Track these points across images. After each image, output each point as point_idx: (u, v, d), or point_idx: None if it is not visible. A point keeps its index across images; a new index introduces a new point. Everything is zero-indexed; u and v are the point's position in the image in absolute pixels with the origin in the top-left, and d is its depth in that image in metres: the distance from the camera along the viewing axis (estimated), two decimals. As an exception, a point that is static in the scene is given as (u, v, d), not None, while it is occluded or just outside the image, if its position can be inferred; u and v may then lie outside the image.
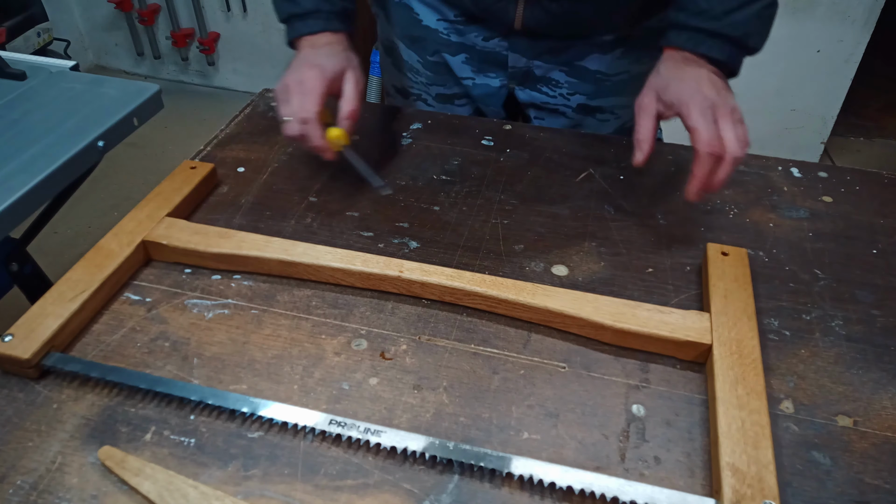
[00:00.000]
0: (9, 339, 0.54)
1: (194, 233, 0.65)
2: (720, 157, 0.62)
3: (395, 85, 0.99)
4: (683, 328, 0.56)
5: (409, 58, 0.93)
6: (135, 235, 0.65)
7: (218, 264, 0.64)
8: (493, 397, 0.54)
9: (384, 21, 0.94)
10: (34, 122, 0.90)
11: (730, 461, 0.47)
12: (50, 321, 0.56)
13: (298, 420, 0.51)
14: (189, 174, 0.73)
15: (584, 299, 0.59)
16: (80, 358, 0.56)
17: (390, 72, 0.98)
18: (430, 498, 0.47)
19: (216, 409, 0.52)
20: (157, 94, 1.00)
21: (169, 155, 2.34)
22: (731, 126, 0.62)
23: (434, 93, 0.95)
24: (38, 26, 2.30)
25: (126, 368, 0.55)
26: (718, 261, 0.63)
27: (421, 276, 0.61)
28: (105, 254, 0.63)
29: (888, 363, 0.57)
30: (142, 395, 0.53)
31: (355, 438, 0.50)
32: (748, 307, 0.58)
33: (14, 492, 0.46)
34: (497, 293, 0.59)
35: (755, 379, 0.52)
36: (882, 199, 0.76)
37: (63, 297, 0.58)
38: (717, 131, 0.62)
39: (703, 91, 0.64)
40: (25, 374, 0.54)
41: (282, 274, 0.64)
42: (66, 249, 1.95)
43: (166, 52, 2.79)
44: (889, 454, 0.50)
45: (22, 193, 0.78)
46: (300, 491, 0.47)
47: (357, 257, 0.63)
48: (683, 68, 0.67)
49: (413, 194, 0.75)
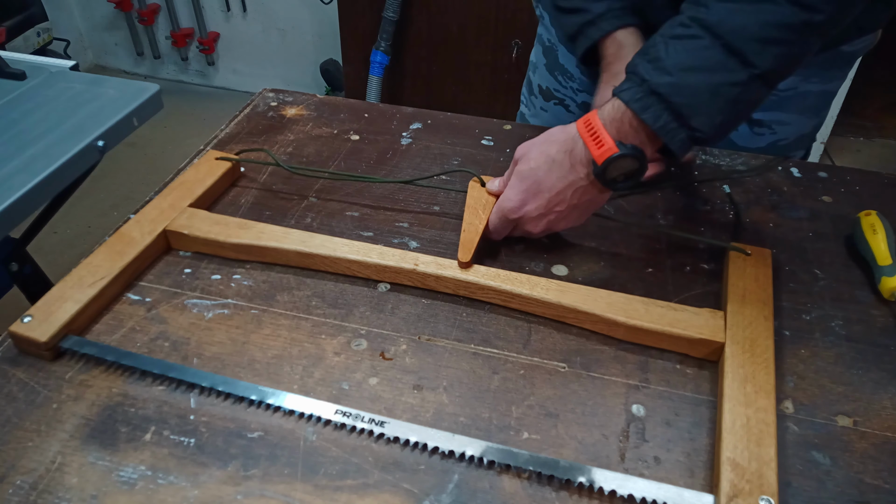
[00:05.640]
0: (28, 320, 0.55)
1: (214, 223, 0.66)
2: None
3: (542, 84, 0.96)
4: (697, 326, 0.57)
5: (568, 62, 0.91)
6: (157, 224, 0.66)
7: (237, 254, 0.65)
8: (493, 397, 0.54)
9: (547, 23, 0.93)
10: (34, 122, 0.90)
11: (730, 456, 0.47)
12: (69, 305, 0.57)
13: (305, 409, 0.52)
14: (213, 165, 0.74)
15: (597, 295, 0.59)
16: (96, 341, 0.57)
17: (541, 71, 0.96)
18: (430, 498, 0.47)
19: (222, 398, 0.53)
20: (157, 94, 1.00)
21: (169, 155, 2.34)
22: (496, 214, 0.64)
23: (580, 100, 0.92)
24: (38, 26, 2.30)
25: (140, 354, 0.56)
26: (739, 260, 0.63)
27: (436, 270, 0.61)
28: (126, 241, 0.63)
29: (888, 363, 0.57)
30: (151, 380, 0.54)
31: (360, 429, 0.50)
32: (766, 308, 0.58)
33: (14, 492, 0.46)
34: (511, 288, 0.60)
35: (765, 378, 0.52)
36: (882, 199, 0.76)
37: (83, 282, 0.59)
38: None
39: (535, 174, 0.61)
40: (41, 355, 0.55)
41: (299, 265, 0.65)
42: (66, 249, 1.94)
43: (166, 52, 2.79)
44: (889, 454, 0.50)
45: (22, 193, 0.78)
46: (300, 491, 0.47)
47: (373, 250, 0.63)
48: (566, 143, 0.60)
49: (413, 194, 0.75)
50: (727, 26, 0.53)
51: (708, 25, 0.54)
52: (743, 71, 0.53)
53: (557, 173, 0.60)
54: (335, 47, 2.36)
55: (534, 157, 0.62)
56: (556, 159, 0.60)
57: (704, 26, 0.54)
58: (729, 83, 0.54)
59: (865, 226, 0.67)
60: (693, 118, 0.55)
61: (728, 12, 0.53)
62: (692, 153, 0.81)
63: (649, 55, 0.56)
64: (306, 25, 2.53)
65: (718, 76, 0.54)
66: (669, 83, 0.54)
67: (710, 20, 0.54)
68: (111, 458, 0.49)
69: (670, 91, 0.54)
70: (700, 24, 0.54)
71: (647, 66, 0.56)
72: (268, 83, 2.52)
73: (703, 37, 0.54)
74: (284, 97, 0.93)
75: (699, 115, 0.54)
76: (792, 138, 0.85)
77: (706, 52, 0.54)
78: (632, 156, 0.56)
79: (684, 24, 0.56)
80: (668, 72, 0.54)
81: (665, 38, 0.56)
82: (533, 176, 0.62)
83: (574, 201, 0.61)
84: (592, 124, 0.58)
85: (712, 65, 0.54)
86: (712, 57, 0.54)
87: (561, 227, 0.64)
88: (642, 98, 0.55)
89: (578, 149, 0.59)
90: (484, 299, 0.62)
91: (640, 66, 0.56)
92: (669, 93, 0.54)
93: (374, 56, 1.98)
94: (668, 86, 0.54)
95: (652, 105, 0.55)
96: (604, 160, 0.57)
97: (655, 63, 0.55)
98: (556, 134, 0.62)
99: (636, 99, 0.56)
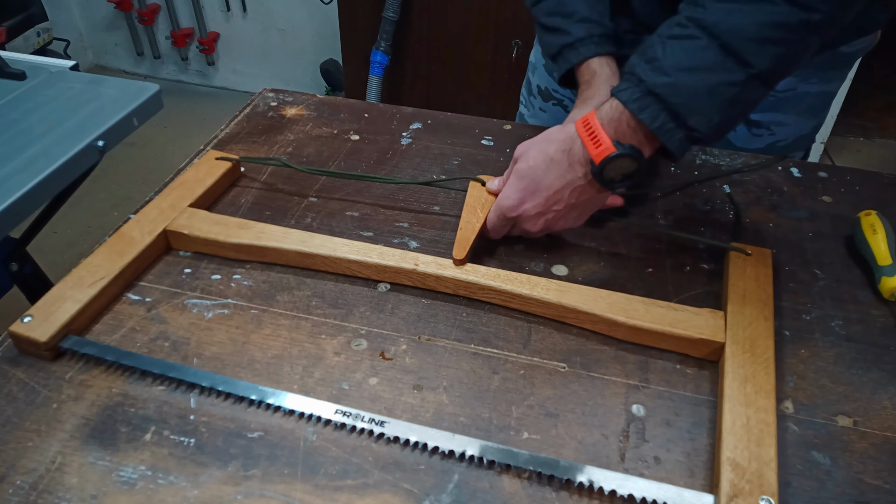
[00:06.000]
0: (28, 319, 0.55)
1: (214, 223, 0.66)
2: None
3: (540, 85, 0.97)
4: (697, 326, 0.57)
5: None
6: (157, 224, 0.66)
7: (237, 254, 0.65)
8: (493, 397, 0.54)
9: None
10: (34, 122, 0.90)
11: (731, 456, 0.47)
12: (69, 305, 0.57)
13: (305, 409, 0.52)
14: (213, 165, 0.74)
15: (597, 295, 0.59)
16: (96, 341, 0.57)
17: (539, 71, 0.96)
18: (430, 498, 0.47)
19: (222, 398, 0.53)
20: (157, 94, 1.00)
21: (169, 155, 2.34)
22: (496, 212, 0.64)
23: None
24: (38, 26, 2.30)
25: (140, 354, 0.56)
26: (740, 260, 0.63)
27: (436, 270, 0.61)
28: (126, 241, 0.64)
29: (888, 363, 0.57)
30: (151, 380, 0.54)
31: (360, 429, 0.51)
32: (766, 308, 0.58)
33: (14, 492, 0.46)
34: (511, 288, 0.60)
35: (765, 378, 0.52)
36: (882, 199, 0.76)
37: (83, 282, 0.59)
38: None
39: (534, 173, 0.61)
40: (41, 355, 0.55)
41: (299, 265, 0.65)
42: (66, 249, 1.94)
43: (166, 52, 2.79)
44: (889, 454, 0.50)
45: (22, 193, 0.78)
46: (300, 491, 0.47)
47: (373, 250, 0.63)
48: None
49: (413, 194, 0.75)
50: (724, 26, 0.53)
51: (705, 25, 0.54)
52: (740, 71, 0.53)
53: (556, 172, 0.61)
54: (335, 47, 2.36)
55: (532, 156, 0.62)
56: (554, 158, 0.61)
57: (702, 26, 0.54)
58: (726, 83, 0.54)
59: (865, 226, 0.67)
60: (690, 118, 0.55)
61: (725, 12, 0.53)
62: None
63: (647, 55, 0.56)
64: (306, 25, 2.53)
65: (716, 76, 0.54)
66: (667, 83, 0.54)
67: (708, 20, 0.54)
68: (111, 458, 0.49)
69: (668, 91, 0.54)
70: (697, 24, 0.54)
71: (644, 66, 0.56)
72: (268, 83, 2.52)
73: (700, 37, 0.54)
74: (284, 97, 0.93)
75: (697, 115, 0.54)
76: (791, 139, 0.85)
77: (703, 53, 0.54)
78: (629, 156, 0.57)
79: (682, 24, 0.56)
80: (666, 72, 0.54)
81: (662, 39, 0.56)
82: (531, 175, 0.62)
83: (572, 201, 0.62)
84: (591, 124, 0.58)
85: (710, 65, 0.54)
86: (710, 57, 0.54)
87: (559, 226, 0.64)
88: (640, 98, 0.55)
89: (576, 148, 0.59)
90: (484, 299, 0.62)
91: (638, 67, 0.56)
92: (667, 93, 0.54)
93: (374, 56, 1.98)
94: (666, 86, 0.54)
95: (649, 105, 0.55)
96: (601, 160, 0.57)
97: (653, 63, 0.55)
98: (555, 133, 0.62)
99: (634, 99, 0.56)
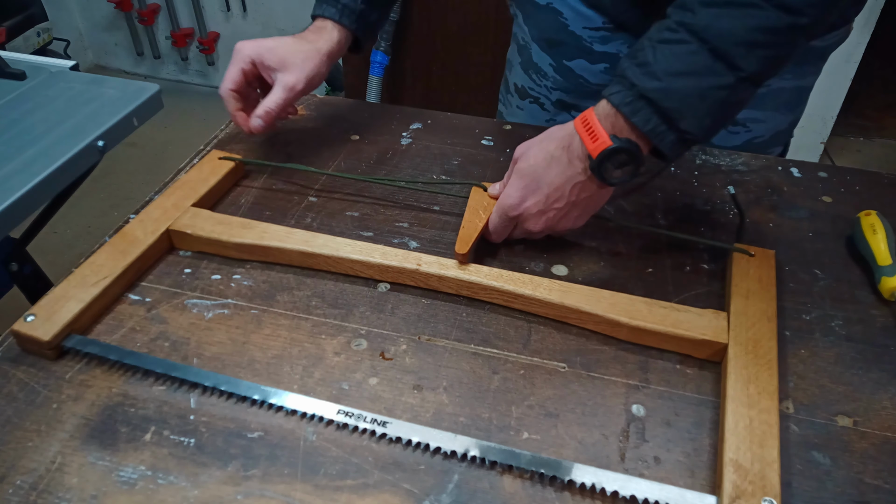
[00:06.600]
0: (31, 318, 0.55)
1: (218, 223, 0.66)
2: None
3: (517, 83, 0.97)
4: (700, 327, 0.57)
5: (541, 60, 0.91)
6: (160, 224, 0.66)
7: (240, 254, 0.65)
8: (493, 397, 0.54)
9: (521, 22, 0.93)
10: (34, 122, 0.90)
11: (733, 457, 0.47)
12: (72, 304, 0.57)
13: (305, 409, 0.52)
14: (216, 165, 0.74)
15: (599, 295, 0.59)
16: (99, 341, 0.57)
17: (516, 70, 0.96)
18: (430, 498, 0.47)
19: (222, 398, 0.53)
20: (157, 93, 1.00)
21: (169, 155, 2.34)
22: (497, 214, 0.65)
23: (555, 98, 0.92)
24: (38, 26, 2.30)
25: (143, 353, 0.56)
26: (743, 261, 0.63)
27: (439, 270, 0.61)
28: (129, 240, 0.64)
29: (888, 363, 0.57)
30: (151, 380, 0.54)
31: (361, 429, 0.51)
32: (769, 309, 0.58)
33: (14, 492, 0.46)
34: (514, 288, 0.60)
35: (768, 379, 0.52)
36: (882, 199, 0.76)
37: (86, 282, 0.59)
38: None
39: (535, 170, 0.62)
40: (44, 354, 0.55)
41: (301, 265, 0.65)
42: (66, 249, 1.94)
43: (166, 52, 2.78)
44: (889, 454, 0.50)
45: (22, 193, 0.78)
46: (300, 491, 0.47)
47: (375, 250, 0.63)
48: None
49: (413, 194, 0.75)
50: (714, 31, 0.54)
51: (695, 30, 0.54)
52: (730, 74, 0.54)
53: (556, 169, 0.61)
54: (335, 47, 2.36)
55: (533, 155, 0.62)
56: (554, 155, 0.61)
57: (691, 31, 0.55)
58: (717, 87, 0.54)
59: (865, 226, 0.67)
60: (682, 121, 0.55)
61: (714, 17, 0.54)
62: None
63: (637, 59, 0.57)
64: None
65: (706, 80, 0.54)
66: (658, 88, 0.55)
67: (697, 25, 0.54)
68: (111, 458, 0.49)
69: (659, 96, 0.55)
70: (687, 28, 0.55)
71: (635, 70, 0.56)
72: (268, 83, 2.51)
73: (690, 42, 0.54)
74: (284, 97, 0.93)
75: (688, 118, 0.55)
76: (768, 135, 0.86)
77: (693, 57, 0.54)
78: (626, 149, 0.57)
79: (671, 28, 0.56)
80: (657, 77, 0.55)
81: (653, 43, 0.57)
82: (532, 173, 0.62)
83: (573, 198, 0.62)
84: (588, 120, 0.59)
85: (700, 69, 0.54)
86: (700, 61, 0.54)
87: (561, 226, 0.64)
88: (632, 102, 0.56)
89: (575, 144, 0.60)
90: (486, 299, 0.62)
91: (629, 70, 0.57)
92: (658, 98, 0.55)
93: (374, 56, 1.98)
94: (657, 91, 0.55)
95: (641, 109, 0.56)
96: (598, 153, 0.57)
97: (644, 67, 0.56)
98: (555, 132, 0.62)
99: (626, 102, 0.56)
